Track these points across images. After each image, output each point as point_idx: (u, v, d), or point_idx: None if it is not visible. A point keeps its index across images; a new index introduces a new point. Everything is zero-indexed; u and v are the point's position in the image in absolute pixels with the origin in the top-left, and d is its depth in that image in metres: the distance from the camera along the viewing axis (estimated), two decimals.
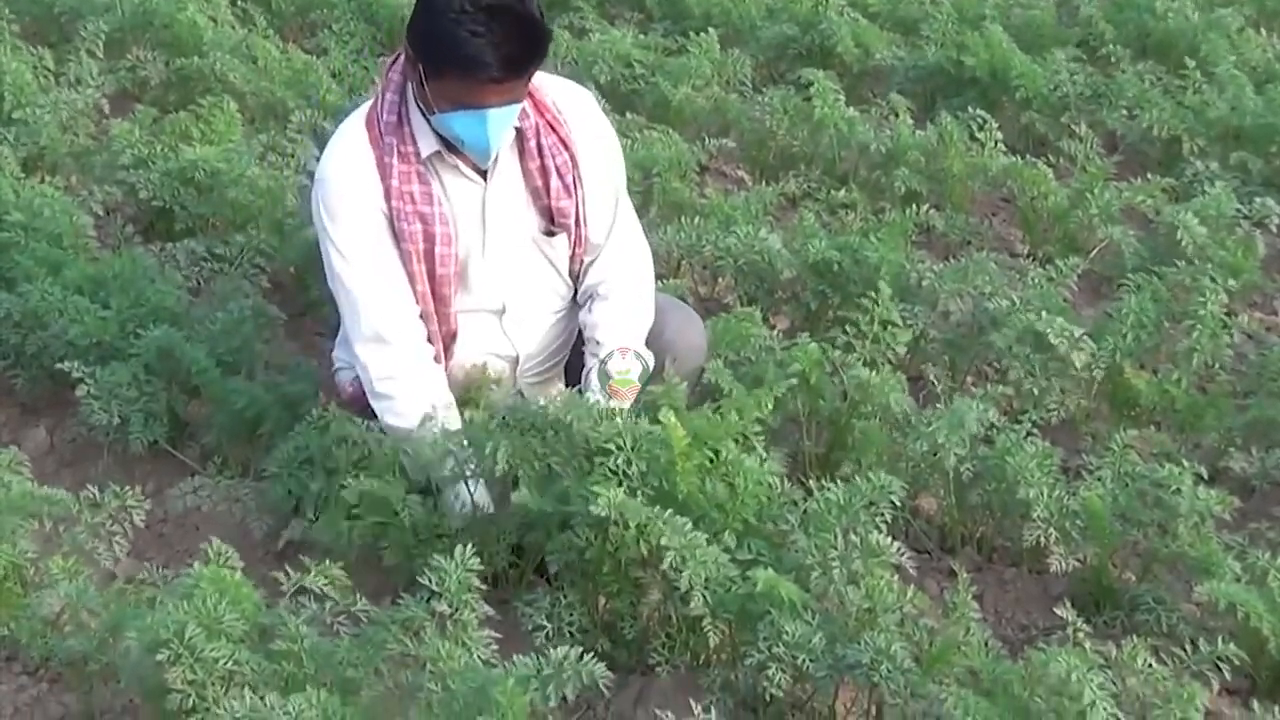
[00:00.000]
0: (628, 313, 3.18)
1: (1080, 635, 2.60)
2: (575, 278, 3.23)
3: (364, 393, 3.12)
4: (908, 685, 2.47)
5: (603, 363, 3.09)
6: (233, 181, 4.29)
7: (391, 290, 3.03)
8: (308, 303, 4.15)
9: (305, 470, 3.14)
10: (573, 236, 3.15)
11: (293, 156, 4.56)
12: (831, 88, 5.05)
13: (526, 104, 3.00)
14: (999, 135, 4.87)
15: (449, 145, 3.00)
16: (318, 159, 3.15)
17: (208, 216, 4.40)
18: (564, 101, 3.12)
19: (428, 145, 3.00)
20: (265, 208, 4.27)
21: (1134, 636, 2.73)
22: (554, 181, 3.08)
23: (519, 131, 3.03)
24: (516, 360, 3.22)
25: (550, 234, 3.14)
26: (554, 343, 3.27)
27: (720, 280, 4.34)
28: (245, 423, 3.38)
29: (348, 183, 3.01)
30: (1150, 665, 2.56)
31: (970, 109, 4.97)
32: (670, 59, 5.66)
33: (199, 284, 4.07)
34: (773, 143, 5.20)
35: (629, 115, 5.12)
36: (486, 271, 3.11)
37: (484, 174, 3.06)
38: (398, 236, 3.01)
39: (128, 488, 3.00)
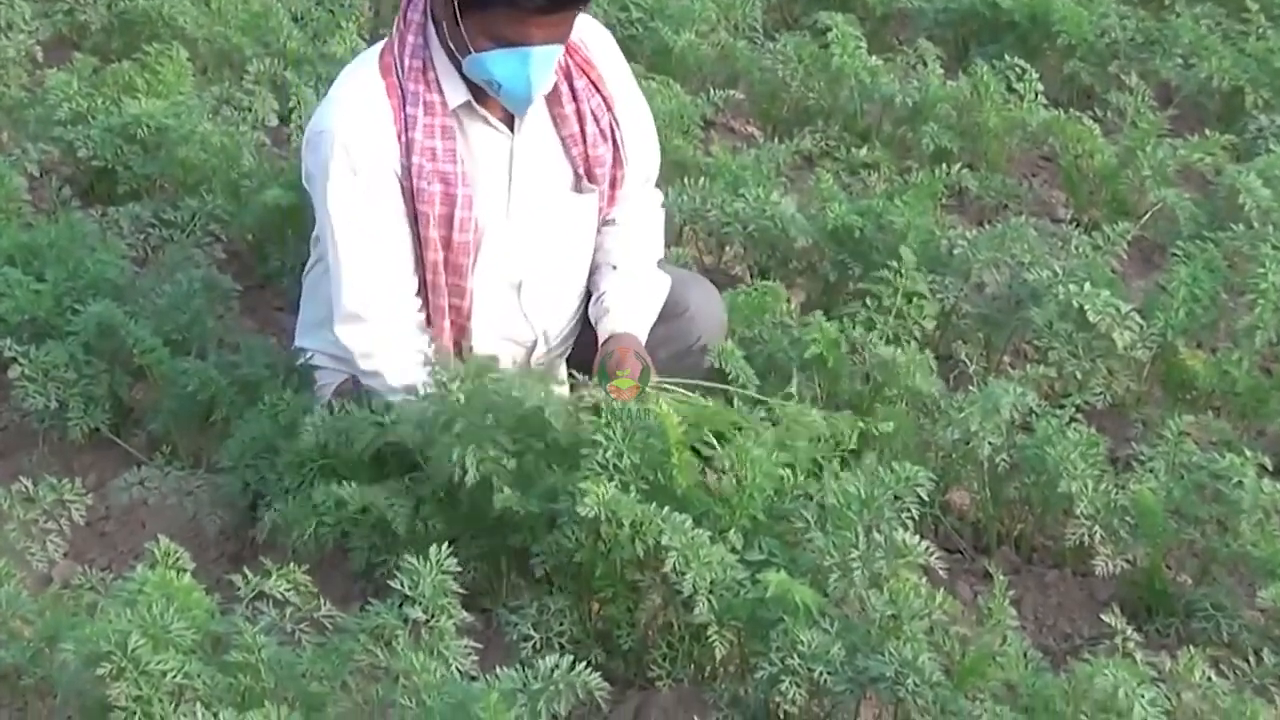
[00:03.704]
0: (645, 292, 3.25)
1: (1130, 645, 2.60)
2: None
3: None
4: (937, 700, 2.46)
5: (603, 362, 3.11)
6: (182, 139, 4.27)
7: (384, 261, 3.03)
8: (266, 274, 4.15)
9: (265, 461, 3.13)
10: (605, 188, 3.18)
11: (250, 110, 4.54)
12: (852, 33, 5.03)
13: None
14: (1039, 86, 4.85)
15: (478, 95, 3.00)
16: (277, 113, 3.14)
17: (154, 178, 4.39)
18: (590, 39, 3.15)
19: (456, 95, 3.00)
20: (219, 168, 4.24)
21: (1190, 646, 2.73)
22: (589, 127, 3.11)
23: None
24: (534, 345, 3.24)
25: (581, 190, 3.16)
26: (570, 327, 3.31)
27: (728, 249, 4.33)
28: (196, 407, 3.37)
29: (358, 135, 2.98)
30: (1208, 678, 2.57)
31: (1007, 57, 4.95)
32: (671, 1, 5.62)
33: (145, 253, 4.05)
34: (786, 95, 5.18)
35: None
36: (508, 238, 3.12)
37: (511, 124, 3.06)
38: (414, 197, 3.00)
39: (65, 480, 2.98)
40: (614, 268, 3.26)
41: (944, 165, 4.25)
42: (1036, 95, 4.83)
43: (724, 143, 4.96)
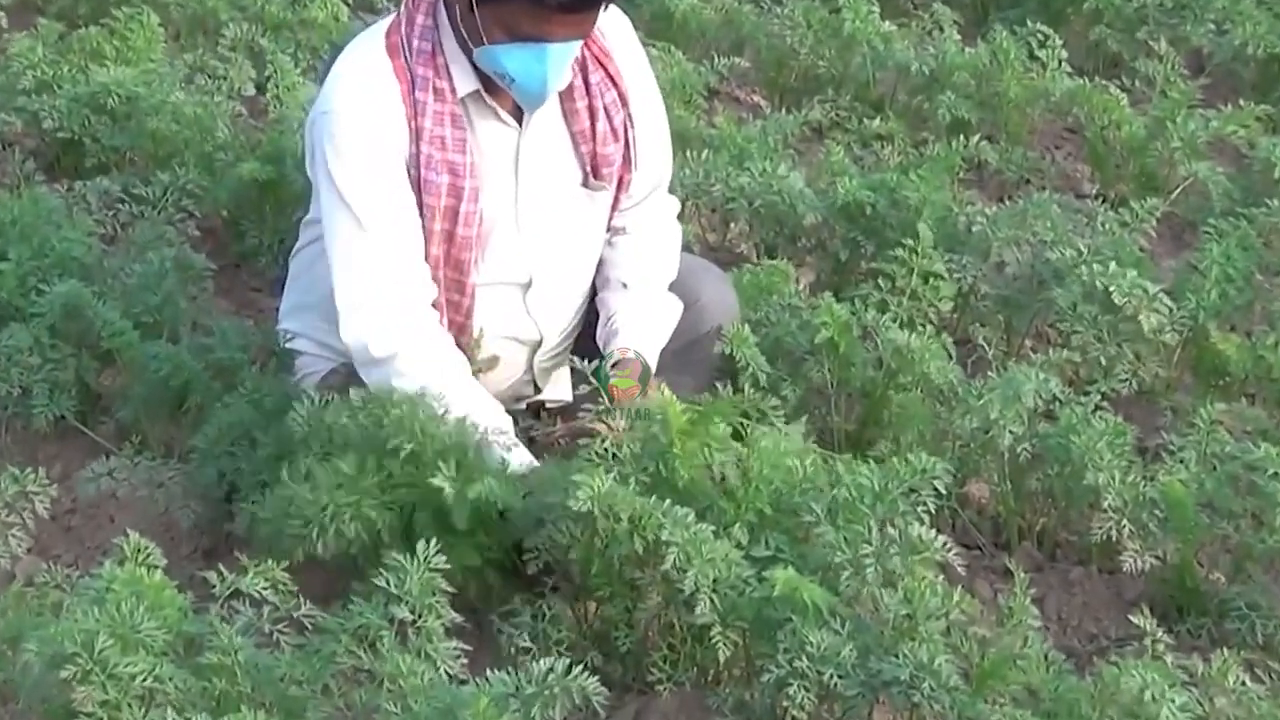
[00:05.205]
0: (657, 313, 3.24)
1: (1159, 646, 2.60)
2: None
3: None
4: (954, 705, 2.46)
5: (601, 362, 3.12)
6: (154, 109, 4.28)
7: (404, 248, 2.99)
8: (241, 253, 4.15)
9: (241, 450, 3.12)
10: (615, 186, 3.17)
11: (225, 79, 4.55)
12: None
13: None
14: (1063, 54, 4.88)
15: (488, 85, 2.98)
16: (254, 82, 3.11)
17: (124, 150, 4.41)
18: (609, 28, 3.10)
19: (465, 83, 2.98)
20: (192, 140, 4.25)
21: (1223, 648, 2.73)
22: (600, 124, 3.09)
23: None
24: (538, 344, 3.23)
25: (589, 187, 3.14)
26: (574, 324, 3.31)
27: (732, 226, 4.33)
28: (168, 394, 3.36)
29: (367, 116, 2.95)
30: (1243, 683, 2.57)
31: (1029, 22, 4.97)
32: None
33: (114, 230, 4.05)
34: (794, 63, 5.20)
35: None
36: (515, 236, 3.11)
37: (520, 118, 3.04)
38: (420, 187, 2.97)
39: (29, 471, 2.98)
40: (624, 286, 3.24)
41: (962, 137, 4.26)
42: (1060, 63, 4.85)
43: (729, 113, 4.96)
